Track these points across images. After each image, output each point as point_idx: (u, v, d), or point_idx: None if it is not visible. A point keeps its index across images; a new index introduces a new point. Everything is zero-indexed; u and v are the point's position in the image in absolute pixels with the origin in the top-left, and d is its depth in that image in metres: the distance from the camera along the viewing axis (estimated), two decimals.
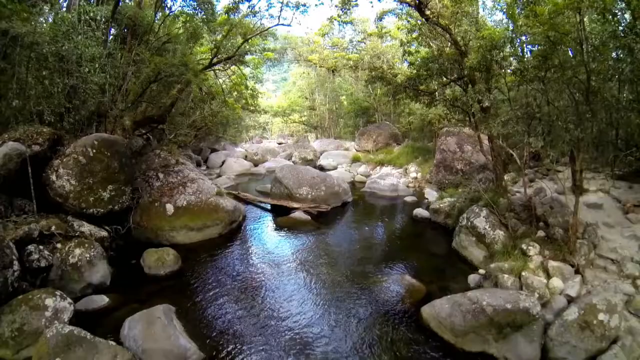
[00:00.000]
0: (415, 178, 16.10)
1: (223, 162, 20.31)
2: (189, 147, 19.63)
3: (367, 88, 22.58)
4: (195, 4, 11.36)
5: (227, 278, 7.09)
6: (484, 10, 10.71)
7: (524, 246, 6.96)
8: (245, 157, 22.05)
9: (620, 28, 8.71)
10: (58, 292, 5.12)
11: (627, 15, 8.93)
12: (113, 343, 4.30)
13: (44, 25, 9.14)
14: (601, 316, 4.79)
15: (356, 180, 17.05)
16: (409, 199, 13.10)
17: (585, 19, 7.99)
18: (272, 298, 6.35)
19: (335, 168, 19.72)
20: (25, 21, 7.46)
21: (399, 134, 22.62)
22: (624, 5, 8.97)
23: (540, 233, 7.42)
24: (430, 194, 12.99)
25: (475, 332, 4.91)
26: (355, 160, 20.84)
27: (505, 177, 12.21)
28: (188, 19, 13.36)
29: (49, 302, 4.87)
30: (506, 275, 5.96)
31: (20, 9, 6.92)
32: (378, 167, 19.09)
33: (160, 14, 13.47)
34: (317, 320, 5.68)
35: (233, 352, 4.86)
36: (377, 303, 6.23)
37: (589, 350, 4.67)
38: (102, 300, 6.06)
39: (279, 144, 29.40)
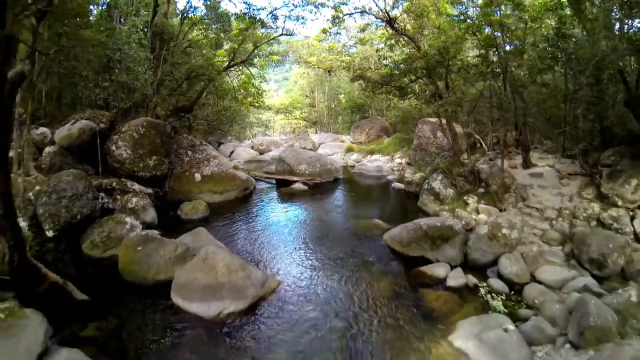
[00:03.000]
0: (400, 163, 18.04)
1: (232, 152, 22.26)
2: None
3: (362, 86, 24.42)
4: (214, 16, 13.33)
5: (244, 222, 9.13)
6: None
7: (465, 197, 8.96)
8: (252, 147, 24.07)
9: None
10: (132, 216, 7.16)
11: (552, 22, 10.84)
12: (174, 240, 6.32)
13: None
14: (504, 230, 6.76)
15: (348, 165, 19.02)
16: (391, 177, 15.08)
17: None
18: (276, 233, 8.39)
19: (330, 156, 21.62)
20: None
21: (389, 127, 24.50)
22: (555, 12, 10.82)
23: (481, 190, 9.41)
24: (409, 172, 14.93)
25: (415, 242, 6.88)
26: (349, 150, 22.79)
27: (472, 158, 14.19)
28: (205, 26, 15.34)
29: (128, 220, 6.92)
30: (444, 212, 7.95)
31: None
32: (369, 156, 21.01)
33: (181, 22, 15.42)
34: (309, 244, 7.70)
35: (249, 256, 6.88)
36: (356, 235, 8.23)
37: (495, 253, 6.61)
38: (154, 232, 8.00)
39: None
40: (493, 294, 5.81)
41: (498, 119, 13.84)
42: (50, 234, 6.42)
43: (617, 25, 9.54)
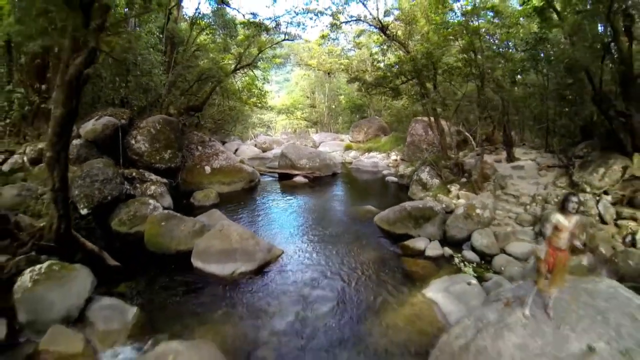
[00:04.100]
0: (395, 160, 18.96)
1: (236, 150, 23.18)
2: None
3: (360, 87, 25.34)
4: (222, 22, 14.32)
5: (251, 207, 10.11)
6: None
7: (449, 186, 9.88)
8: (255, 146, 25.08)
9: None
10: (154, 199, 8.10)
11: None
12: (192, 217, 7.25)
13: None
14: (478, 210, 7.68)
15: (346, 161, 19.97)
16: (385, 172, 16.00)
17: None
18: (279, 216, 9.36)
19: (330, 153, 22.52)
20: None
21: (387, 127, 25.40)
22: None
23: (463, 180, 10.33)
24: (402, 167, 15.85)
25: (400, 222, 7.80)
26: (348, 148, 23.73)
27: (460, 153, 15.11)
28: (213, 31, 16.32)
29: (151, 201, 7.88)
30: (428, 198, 8.86)
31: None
32: (366, 153, 21.94)
33: (190, 28, 16.38)
34: (309, 225, 8.64)
35: (257, 233, 7.80)
36: (350, 218, 9.18)
37: (470, 230, 7.52)
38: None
39: None
40: (465, 262, 6.73)
41: (485, 117, 14.82)
42: (84, 212, 7.36)
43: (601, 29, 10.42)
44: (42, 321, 4.56)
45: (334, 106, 32.62)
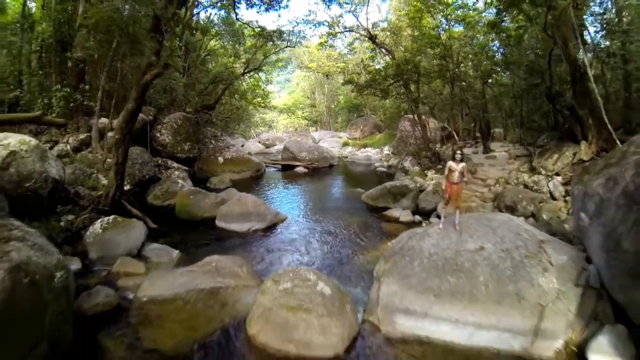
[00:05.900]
0: (387, 154, 20.75)
1: (242, 146, 24.99)
2: None
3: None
4: (231, 30, 16.19)
5: (258, 190, 11.90)
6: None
7: (426, 172, 11.65)
8: (259, 142, 26.97)
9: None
10: (181, 180, 9.93)
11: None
12: (214, 193, 9.06)
13: None
14: (443, 187, 9.39)
15: (342, 156, 21.81)
16: (377, 164, 17.81)
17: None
18: (283, 196, 11.14)
19: None
20: None
21: (382, 125, 27.21)
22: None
23: (439, 167, 12.10)
24: (392, 160, 17.64)
25: (381, 197, 9.57)
26: (345, 144, 25.57)
27: (444, 147, 16.85)
28: (220, 37, 18.18)
29: (180, 181, 9.72)
30: (406, 179, 10.64)
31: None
32: (362, 149, 23.74)
33: (202, 35, 18.20)
34: (307, 202, 10.42)
35: None
36: (342, 198, 10.99)
37: (437, 202, 9.25)
38: None
39: None
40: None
41: (466, 114, 16.58)
42: (127, 187, 9.13)
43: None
44: (110, 256, 6.24)
45: (333, 106, 34.54)
